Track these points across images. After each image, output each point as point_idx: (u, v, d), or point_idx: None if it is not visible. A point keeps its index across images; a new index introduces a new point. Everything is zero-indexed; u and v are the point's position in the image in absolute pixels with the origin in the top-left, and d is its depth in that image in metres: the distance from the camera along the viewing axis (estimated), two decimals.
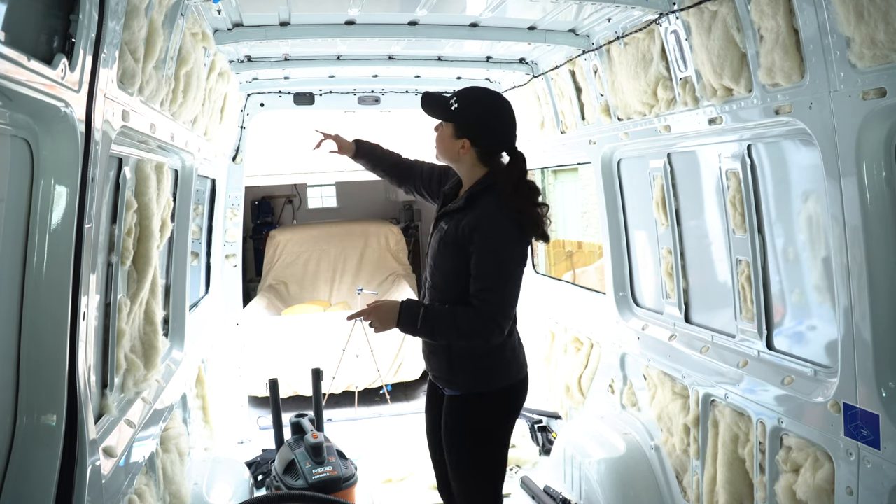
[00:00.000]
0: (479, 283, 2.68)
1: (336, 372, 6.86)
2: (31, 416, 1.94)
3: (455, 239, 2.74)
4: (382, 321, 2.74)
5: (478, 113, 2.83)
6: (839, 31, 2.23)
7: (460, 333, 2.70)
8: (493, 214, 2.70)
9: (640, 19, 3.35)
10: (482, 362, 2.82)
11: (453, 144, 2.81)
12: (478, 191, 2.78)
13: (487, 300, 2.66)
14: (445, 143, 2.84)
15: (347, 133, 3.58)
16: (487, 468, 2.91)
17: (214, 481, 3.86)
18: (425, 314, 2.70)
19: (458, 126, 2.80)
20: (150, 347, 3.07)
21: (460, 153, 2.81)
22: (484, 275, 2.68)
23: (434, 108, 2.86)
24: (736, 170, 3.16)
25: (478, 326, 2.66)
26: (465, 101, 2.83)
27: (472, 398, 2.85)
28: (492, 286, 2.67)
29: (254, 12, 3.62)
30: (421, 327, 2.70)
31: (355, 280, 10.03)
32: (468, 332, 2.68)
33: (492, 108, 2.85)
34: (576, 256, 9.81)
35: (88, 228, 2.04)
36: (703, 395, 3.44)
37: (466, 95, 2.86)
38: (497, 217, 2.70)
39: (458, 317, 2.68)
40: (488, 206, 2.73)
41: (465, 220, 2.72)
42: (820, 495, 2.61)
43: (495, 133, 2.83)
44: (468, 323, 2.67)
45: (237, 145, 5.52)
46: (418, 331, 2.72)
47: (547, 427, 5.34)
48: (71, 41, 1.87)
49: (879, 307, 2.35)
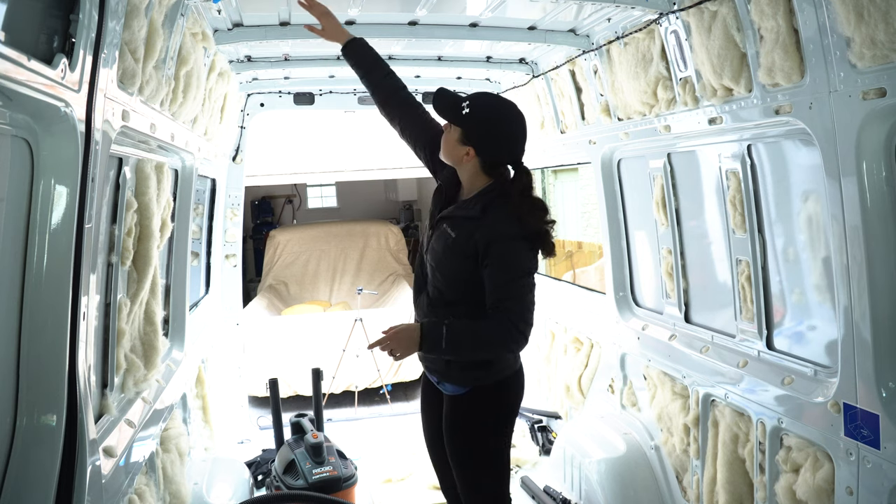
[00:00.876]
0: (498, 294, 2.67)
1: (336, 372, 6.86)
2: (31, 416, 1.94)
3: (465, 250, 2.71)
4: (404, 347, 2.67)
5: (487, 123, 2.75)
6: (839, 31, 2.23)
7: (486, 346, 2.70)
8: (508, 229, 2.67)
9: (640, 19, 3.35)
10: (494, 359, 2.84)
11: (458, 149, 2.76)
12: (488, 202, 2.73)
13: (510, 308, 2.64)
14: (450, 146, 2.79)
15: (347, 133, 3.53)
16: (491, 465, 2.91)
17: (214, 481, 3.86)
18: (449, 334, 2.66)
19: (465, 132, 2.74)
20: (150, 347, 3.07)
21: (464, 159, 2.76)
22: (503, 286, 2.66)
23: (445, 108, 2.80)
24: (736, 170, 3.16)
25: (503, 336, 2.66)
26: (477, 108, 2.76)
27: (472, 393, 2.85)
28: (512, 295, 2.66)
29: (254, 12, 3.62)
30: (446, 347, 2.66)
31: (355, 280, 10.03)
32: (494, 343, 2.68)
33: (503, 121, 2.77)
34: (576, 256, 9.81)
35: (88, 228, 2.04)
36: (703, 395, 3.44)
37: (479, 102, 2.78)
38: (512, 231, 2.67)
39: (481, 330, 2.68)
40: (502, 219, 2.69)
41: (478, 234, 2.68)
42: (820, 495, 2.61)
43: (502, 146, 2.77)
44: (493, 334, 2.66)
45: (237, 145, 5.52)
46: (443, 351, 2.69)
47: (547, 427, 5.34)
48: (71, 41, 1.87)
49: (879, 307, 2.35)
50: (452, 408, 2.90)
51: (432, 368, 2.94)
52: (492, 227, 2.68)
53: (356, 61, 3.13)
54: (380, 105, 3.15)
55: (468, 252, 2.70)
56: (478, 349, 2.72)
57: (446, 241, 2.78)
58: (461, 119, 2.75)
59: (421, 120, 3.08)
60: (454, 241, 2.74)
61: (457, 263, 2.74)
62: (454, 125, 2.77)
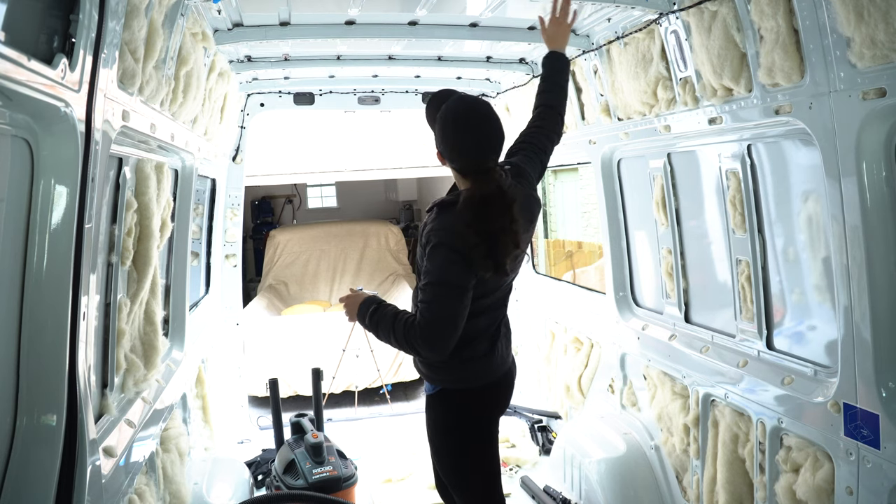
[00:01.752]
0: (418, 294, 2.65)
1: (336, 372, 6.85)
2: (31, 416, 1.94)
3: (420, 244, 2.71)
4: (349, 311, 2.81)
5: (438, 125, 2.66)
6: (839, 31, 2.23)
7: (393, 339, 2.65)
8: (438, 236, 2.56)
9: (640, 19, 3.35)
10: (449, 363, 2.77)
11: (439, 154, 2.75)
12: (443, 206, 2.65)
13: (421, 312, 2.55)
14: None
15: (347, 133, 3.54)
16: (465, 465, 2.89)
17: (214, 481, 3.86)
18: (373, 314, 2.69)
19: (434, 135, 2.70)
20: (150, 347, 3.07)
21: (444, 164, 2.74)
22: (422, 288, 2.61)
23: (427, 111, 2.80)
24: (736, 170, 3.16)
25: (407, 336, 2.58)
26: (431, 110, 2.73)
27: (439, 393, 2.87)
28: (425, 300, 2.56)
29: (254, 12, 3.62)
30: (368, 323, 2.73)
31: (355, 280, 10.03)
32: (398, 339, 2.63)
33: (447, 123, 2.62)
34: (576, 256, 9.80)
35: (88, 228, 2.04)
36: (703, 394, 3.44)
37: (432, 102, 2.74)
38: (440, 239, 2.56)
39: (395, 323, 2.62)
40: (440, 226, 2.59)
41: (427, 228, 2.66)
42: (820, 495, 2.61)
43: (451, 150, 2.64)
44: (402, 332, 2.59)
45: (237, 145, 5.52)
46: (366, 325, 2.74)
47: (547, 427, 5.34)
48: (71, 41, 1.87)
49: (879, 307, 2.35)
50: (426, 405, 2.96)
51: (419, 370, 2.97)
52: (428, 230, 2.64)
53: (546, 72, 3.11)
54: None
55: (421, 246, 2.70)
56: (392, 341, 2.67)
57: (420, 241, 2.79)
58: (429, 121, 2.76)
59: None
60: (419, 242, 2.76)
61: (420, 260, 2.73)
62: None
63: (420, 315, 2.56)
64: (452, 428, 2.88)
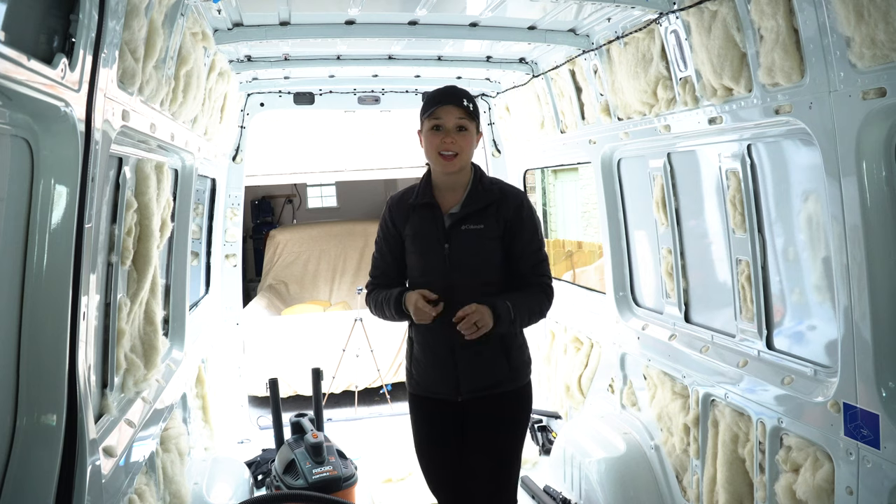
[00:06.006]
0: (534, 259, 2.87)
1: (336, 372, 6.86)
2: (31, 416, 1.94)
3: (497, 231, 2.85)
4: (487, 319, 2.70)
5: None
6: (839, 31, 2.23)
7: (540, 312, 2.91)
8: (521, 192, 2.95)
9: (640, 19, 3.35)
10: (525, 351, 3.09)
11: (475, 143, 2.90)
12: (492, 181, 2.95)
13: (546, 272, 2.91)
14: (472, 144, 2.89)
15: (347, 132, 3.56)
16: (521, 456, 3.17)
17: (214, 481, 3.86)
18: (515, 311, 2.79)
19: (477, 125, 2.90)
20: (150, 347, 3.07)
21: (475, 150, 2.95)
22: (537, 250, 2.90)
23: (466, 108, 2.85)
24: (736, 169, 3.16)
25: (547, 299, 2.90)
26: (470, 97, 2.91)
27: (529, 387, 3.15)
28: (545, 258, 2.93)
29: (254, 12, 3.62)
30: (517, 323, 2.85)
31: (355, 280, 10.03)
32: (544, 310, 2.91)
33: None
34: (576, 256, 9.81)
35: (88, 228, 2.04)
36: (703, 394, 3.44)
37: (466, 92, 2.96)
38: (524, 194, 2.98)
39: (533, 301, 2.86)
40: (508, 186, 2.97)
41: (502, 208, 2.85)
42: (820, 495, 2.61)
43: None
44: (544, 301, 2.89)
45: (237, 145, 5.52)
46: (515, 327, 2.87)
47: (547, 427, 5.34)
48: (71, 41, 1.87)
49: (879, 307, 2.35)
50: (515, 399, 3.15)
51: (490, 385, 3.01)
52: (510, 197, 2.88)
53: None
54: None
55: (500, 232, 2.85)
56: (534, 318, 2.90)
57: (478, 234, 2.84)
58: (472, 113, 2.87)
59: (395, 256, 3.04)
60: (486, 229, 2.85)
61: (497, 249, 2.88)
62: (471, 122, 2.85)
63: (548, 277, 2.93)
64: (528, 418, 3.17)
